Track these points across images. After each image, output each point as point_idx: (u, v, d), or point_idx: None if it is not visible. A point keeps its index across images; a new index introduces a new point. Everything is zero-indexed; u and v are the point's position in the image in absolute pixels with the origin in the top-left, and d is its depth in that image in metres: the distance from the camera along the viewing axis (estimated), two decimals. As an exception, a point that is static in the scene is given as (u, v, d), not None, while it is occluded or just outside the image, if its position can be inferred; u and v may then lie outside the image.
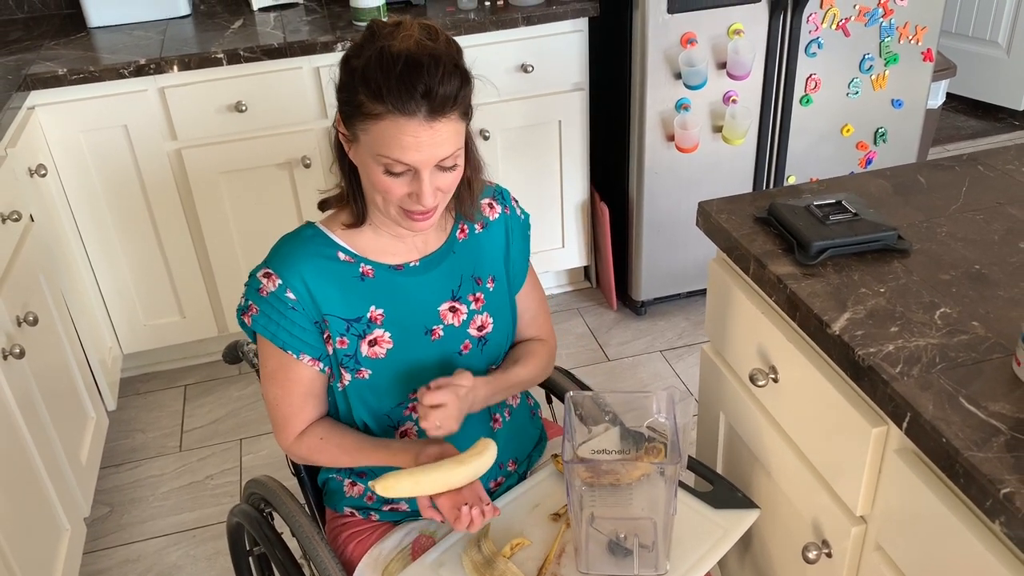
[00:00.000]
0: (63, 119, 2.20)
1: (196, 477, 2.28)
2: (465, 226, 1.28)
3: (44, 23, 2.57)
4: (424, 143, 1.06)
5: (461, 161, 1.13)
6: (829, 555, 1.17)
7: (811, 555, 1.16)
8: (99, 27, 2.47)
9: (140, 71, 2.18)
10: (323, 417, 1.29)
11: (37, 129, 2.16)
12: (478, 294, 1.28)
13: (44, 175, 2.10)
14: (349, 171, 1.18)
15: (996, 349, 1.01)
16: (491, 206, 1.30)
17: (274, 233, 2.52)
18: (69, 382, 2.05)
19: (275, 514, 1.41)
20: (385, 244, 1.22)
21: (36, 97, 2.16)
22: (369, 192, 1.15)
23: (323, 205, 1.27)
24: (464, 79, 1.08)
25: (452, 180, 1.13)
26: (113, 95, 2.21)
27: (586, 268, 2.92)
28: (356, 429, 1.28)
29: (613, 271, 2.75)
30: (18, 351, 1.68)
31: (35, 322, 1.78)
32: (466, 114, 1.11)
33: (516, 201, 1.35)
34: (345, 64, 1.10)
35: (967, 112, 3.91)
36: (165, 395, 2.59)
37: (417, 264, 1.24)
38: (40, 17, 2.63)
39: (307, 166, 2.38)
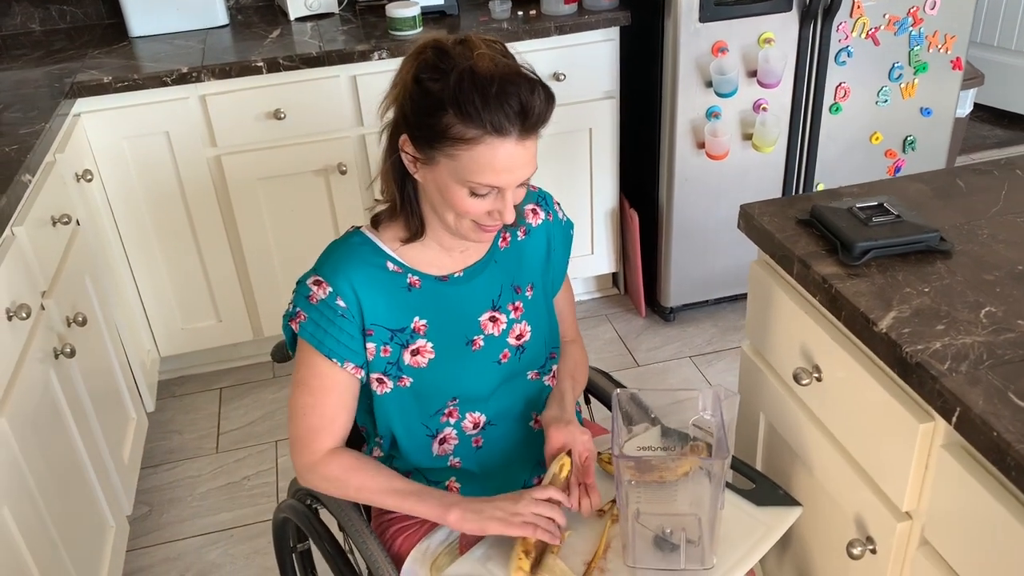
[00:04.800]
0: (107, 126, 2.25)
1: (233, 478, 2.32)
2: (507, 234, 1.30)
3: (87, 33, 2.63)
4: (517, 164, 1.08)
5: None
6: (874, 551, 1.18)
7: (856, 551, 1.18)
8: (140, 36, 2.53)
9: (182, 79, 2.23)
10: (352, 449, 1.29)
11: (82, 136, 2.21)
12: (517, 303, 1.30)
13: (90, 180, 2.15)
14: (409, 188, 1.18)
15: (1042, 347, 1.02)
16: (535, 211, 1.33)
17: (310, 239, 2.59)
18: (112, 383, 2.09)
19: (319, 510, 1.44)
20: (432, 257, 1.24)
21: (82, 104, 2.21)
22: (438, 209, 1.16)
23: (375, 221, 1.27)
24: (550, 95, 1.09)
25: (524, 192, 1.16)
26: (155, 102, 2.26)
27: (614, 275, 2.94)
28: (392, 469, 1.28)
29: (642, 277, 2.77)
30: (69, 350, 1.72)
31: (84, 322, 1.83)
32: None
33: (559, 205, 1.37)
34: (419, 86, 1.08)
35: (992, 122, 3.91)
36: (201, 398, 2.63)
37: (461, 274, 1.26)
38: (82, 27, 2.69)
39: (343, 173, 2.42)
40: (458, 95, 1.05)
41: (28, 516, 1.48)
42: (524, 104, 1.05)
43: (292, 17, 2.59)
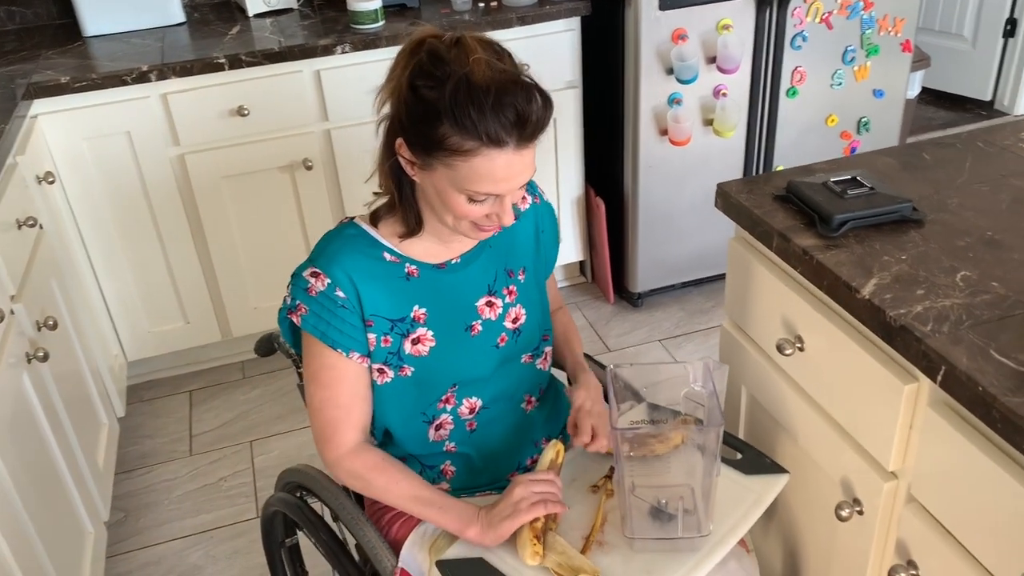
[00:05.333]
0: (66, 127, 2.21)
1: (209, 480, 2.29)
2: None
3: (37, 34, 2.57)
4: (515, 173, 1.08)
5: None
6: (861, 512, 1.23)
7: (844, 513, 1.22)
8: (95, 36, 2.48)
9: (142, 78, 2.20)
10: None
11: (40, 138, 2.17)
12: (511, 287, 1.31)
13: (52, 183, 2.10)
14: (407, 188, 1.18)
15: (1017, 306, 1.07)
16: (523, 196, 1.34)
17: (277, 236, 2.57)
18: (84, 388, 2.05)
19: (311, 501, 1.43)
20: (429, 247, 1.24)
21: (39, 106, 2.17)
22: (436, 211, 1.16)
23: (375, 218, 1.25)
24: (547, 100, 1.08)
25: (522, 193, 1.16)
26: (115, 102, 2.22)
27: (581, 263, 2.97)
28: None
29: (610, 264, 2.80)
30: (42, 355, 1.68)
31: (55, 326, 1.79)
32: None
33: (541, 189, 1.39)
34: (414, 93, 1.07)
35: (937, 104, 4.03)
36: (171, 401, 2.59)
37: (458, 261, 1.26)
38: (33, 28, 2.63)
39: (309, 168, 2.41)
40: (454, 107, 1.03)
41: (10, 523, 1.45)
42: (521, 114, 1.04)
43: (250, 13, 2.57)
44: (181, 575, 2.02)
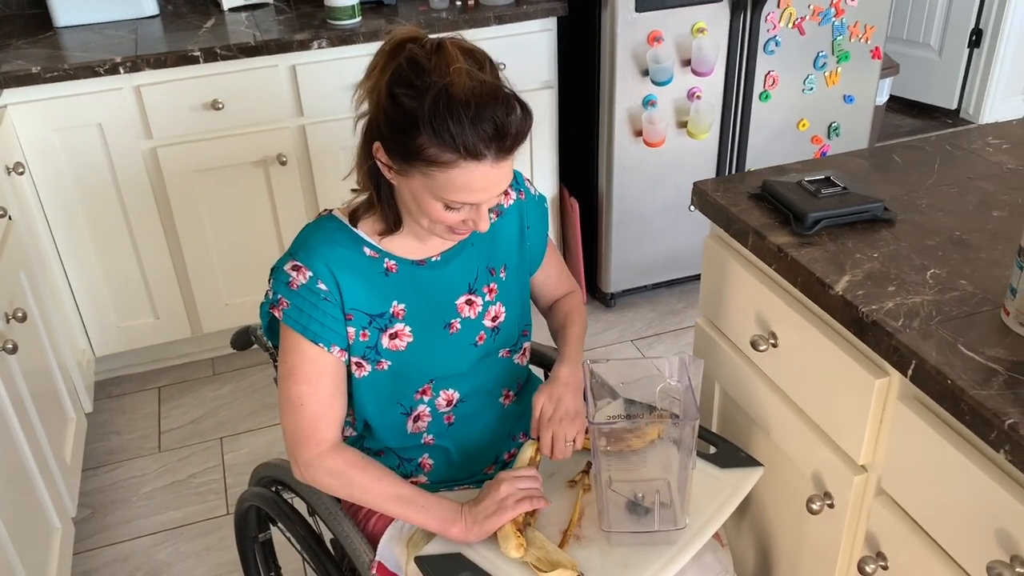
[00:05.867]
0: (36, 118, 2.17)
1: (178, 476, 2.27)
2: None
3: (7, 23, 2.53)
4: (492, 184, 1.09)
5: None
6: (831, 506, 1.25)
7: (815, 507, 1.24)
8: (66, 27, 2.45)
9: (115, 69, 2.17)
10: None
11: (10, 128, 2.13)
12: (492, 285, 1.31)
13: (22, 173, 2.08)
14: (385, 189, 1.17)
15: (984, 303, 1.10)
16: (506, 192, 1.34)
17: (250, 232, 2.55)
18: (51, 382, 2.03)
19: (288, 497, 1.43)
20: (409, 244, 1.24)
21: (9, 96, 2.13)
22: (412, 213, 1.16)
23: (354, 217, 1.23)
24: (527, 113, 1.08)
25: (499, 199, 1.15)
26: (87, 93, 2.19)
27: (555, 263, 2.98)
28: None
29: (583, 265, 2.82)
30: (11, 347, 1.66)
31: (24, 318, 1.77)
32: None
33: (530, 182, 1.39)
34: (393, 101, 1.06)
35: (904, 111, 4.11)
36: (138, 397, 2.56)
37: (438, 258, 1.26)
38: (1, 18, 2.59)
39: (283, 163, 2.40)
40: (433, 119, 1.03)
41: (-22, 516, 1.43)
42: (500, 127, 1.04)
43: (225, 7, 2.55)
44: (149, 572, 2.00)
